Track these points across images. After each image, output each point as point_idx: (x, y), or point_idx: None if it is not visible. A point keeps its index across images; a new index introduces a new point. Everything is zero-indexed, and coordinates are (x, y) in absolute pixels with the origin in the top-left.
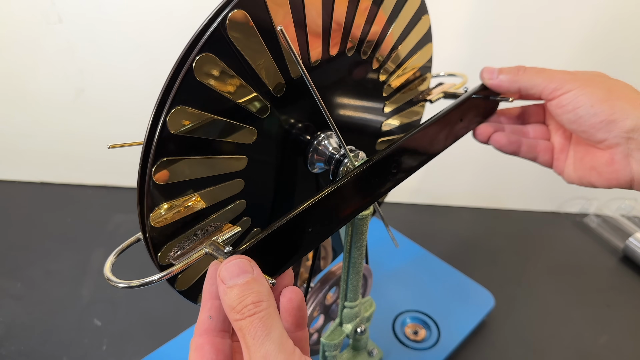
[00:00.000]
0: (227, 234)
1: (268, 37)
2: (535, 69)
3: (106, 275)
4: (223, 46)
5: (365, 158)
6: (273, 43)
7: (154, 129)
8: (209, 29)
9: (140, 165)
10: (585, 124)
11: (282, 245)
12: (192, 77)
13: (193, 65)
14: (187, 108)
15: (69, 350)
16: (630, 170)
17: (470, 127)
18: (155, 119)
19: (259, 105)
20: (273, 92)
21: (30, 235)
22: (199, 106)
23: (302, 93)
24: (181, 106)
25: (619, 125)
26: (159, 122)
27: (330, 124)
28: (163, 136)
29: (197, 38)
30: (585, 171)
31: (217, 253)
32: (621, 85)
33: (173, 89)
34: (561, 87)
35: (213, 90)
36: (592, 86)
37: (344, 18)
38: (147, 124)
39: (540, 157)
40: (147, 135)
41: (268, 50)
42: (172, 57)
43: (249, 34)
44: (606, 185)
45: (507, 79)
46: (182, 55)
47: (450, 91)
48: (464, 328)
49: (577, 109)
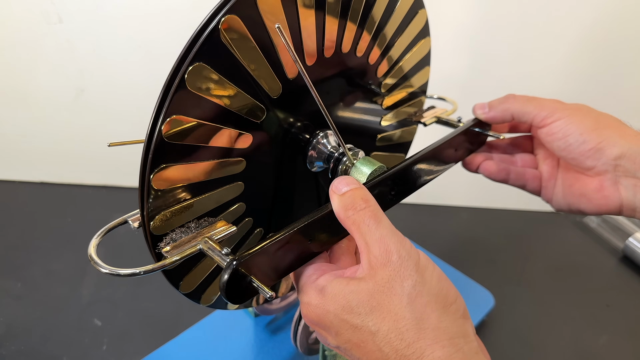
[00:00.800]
0: (222, 232)
1: (261, 40)
2: (525, 97)
3: (90, 257)
4: (215, 54)
5: (364, 156)
6: (267, 46)
7: (152, 136)
8: (201, 37)
9: (140, 172)
10: (575, 151)
11: (284, 254)
12: (184, 86)
13: (185, 77)
14: (182, 117)
15: (69, 350)
16: (619, 196)
17: (461, 157)
18: (152, 127)
19: (256, 110)
20: (270, 94)
21: (30, 235)
22: (194, 115)
23: (300, 93)
24: (176, 116)
25: (607, 153)
26: (156, 130)
27: (328, 120)
28: (161, 144)
29: (191, 45)
30: (574, 198)
31: (214, 253)
32: (607, 116)
33: (167, 99)
34: (552, 115)
35: (207, 100)
36: (581, 115)
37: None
38: (146, 132)
39: (529, 184)
40: (146, 143)
41: (262, 54)
42: (172, 57)
43: (242, 39)
44: (596, 211)
45: (498, 108)
46: (176, 64)
47: (443, 117)
48: None
49: (567, 137)
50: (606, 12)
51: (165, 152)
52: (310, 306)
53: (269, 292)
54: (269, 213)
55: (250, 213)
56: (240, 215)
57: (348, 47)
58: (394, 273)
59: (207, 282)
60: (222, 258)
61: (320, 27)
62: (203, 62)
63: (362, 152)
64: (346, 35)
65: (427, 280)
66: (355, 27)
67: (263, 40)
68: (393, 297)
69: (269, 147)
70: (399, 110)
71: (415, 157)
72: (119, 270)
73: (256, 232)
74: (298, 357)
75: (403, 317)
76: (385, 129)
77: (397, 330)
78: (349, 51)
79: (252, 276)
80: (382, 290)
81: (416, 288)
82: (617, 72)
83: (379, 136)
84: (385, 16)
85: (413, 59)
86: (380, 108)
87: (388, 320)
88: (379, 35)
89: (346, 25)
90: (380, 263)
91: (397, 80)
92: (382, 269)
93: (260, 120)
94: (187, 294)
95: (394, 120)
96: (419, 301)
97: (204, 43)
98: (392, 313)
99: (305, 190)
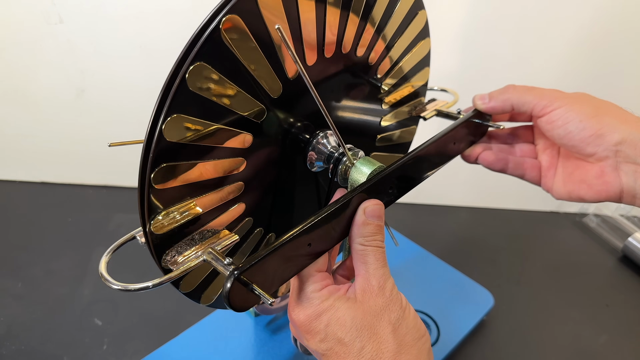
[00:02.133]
0: (225, 241)
1: (261, 40)
2: (525, 87)
3: (101, 274)
4: (216, 54)
5: (364, 156)
6: (268, 46)
7: (152, 137)
8: (202, 37)
9: (140, 172)
10: (575, 138)
11: (283, 261)
12: (185, 87)
13: (186, 76)
14: (183, 116)
15: (70, 349)
16: (619, 182)
17: (462, 149)
18: (152, 128)
19: (256, 110)
20: (270, 94)
21: (30, 235)
22: (195, 114)
23: (300, 93)
24: (177, 115)
25: (607, 139)
26: (156, 131)
27: (328, 121)
28: (160, 144)
29: (192, 45)
30: (575, 185)
31: (216, 262)
32: (607, 103)
33: (168, 98)
34: (551, 104)
35: (207, 99)
36: (580, 103)
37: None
38: (145, 133)
39: (528, 174)
40: (145, 143)
41: (263, 54)
42: (172, 57)
43: (243, 39)
44: (595, 198)
45: (499, 98)
46: (176, 64)
47: (443, 110)
48: (464, 327)
49: (567, 124)
50: (606, 12)
51: (165, 152)
52: (306, 310)
53: (270, 298)
54: (269, 213)
55: (251, 213)
56: (240, 215)
57: (349, 46)
58: (386, 304)
59: (206, 282)
60: (225, 268)
61: (321, 26)
62: (204, 61)
63: (362, 152)
64: (347, 34)
65: (407, 316)
66: (356, 26)
67: (264, 40)
68: (382, 322)
69: (269, 147)
70: (399, 110)
71: (415, 152)
72: (129, 286)
73: (256, 232)
74: (298, 357)
75: (387, 341)
76: (385, 129)
77: (379, 351)
78: (349, 51)
79: (253, 284)
80: (373, 315)
81: (399, 321)
82: (617, 71)
83: (378, 136)
84: (385, 16)
85: (413, 59)
86: (380, 108)
87: (373, 341)
88: (379, 35)
89: (347, 24)
90: (375, 293)
91: (397, 81)
92: (375, 298)
93: (261, 120)
94: (187, 293)
95: (394, 120)
96: (400, 331)
97: (205, 43)
98: (377, 336)
99: (305, 190)
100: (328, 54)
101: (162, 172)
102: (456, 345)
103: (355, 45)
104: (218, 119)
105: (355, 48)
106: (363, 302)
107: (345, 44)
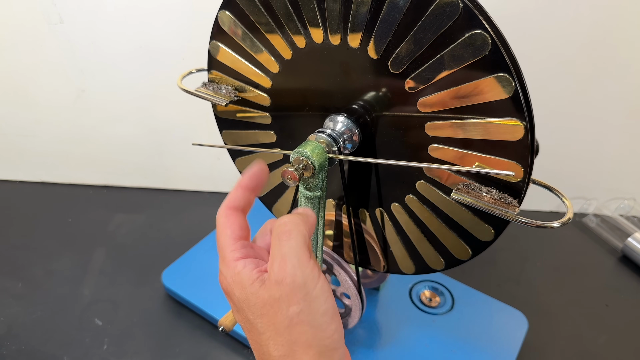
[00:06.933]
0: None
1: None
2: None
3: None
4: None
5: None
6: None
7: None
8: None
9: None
10: None
11: None
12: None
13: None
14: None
15: (70, 349)
16: None
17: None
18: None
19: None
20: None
21: (30, 235)
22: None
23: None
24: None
25: None
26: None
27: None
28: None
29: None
30: None
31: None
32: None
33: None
34: None
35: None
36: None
37: None
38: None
39: None
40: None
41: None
42: (172, 57)
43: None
44: None
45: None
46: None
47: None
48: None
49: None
50: (605, 11)
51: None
52: (224, 277)
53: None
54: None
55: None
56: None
57: None
58: (283, 295)
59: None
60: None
61: None
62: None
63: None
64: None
65: (313, 311)
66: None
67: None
68: (278, 314)
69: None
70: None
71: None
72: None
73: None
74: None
75: (282, 334)
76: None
77: (275, 340)
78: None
79: None
80: (271, 305)
81: (300, 316)
82: (617, 71)
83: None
84: None
85: None
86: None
87: (271, 330)
88: None
89: None
90: (275, 280)
91: None
92: (275, 287)
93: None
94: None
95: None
96: (298, 329)
97: None
98: (274, 326)
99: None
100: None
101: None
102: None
103: None
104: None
105: None
106: (267, 289)
107: None
